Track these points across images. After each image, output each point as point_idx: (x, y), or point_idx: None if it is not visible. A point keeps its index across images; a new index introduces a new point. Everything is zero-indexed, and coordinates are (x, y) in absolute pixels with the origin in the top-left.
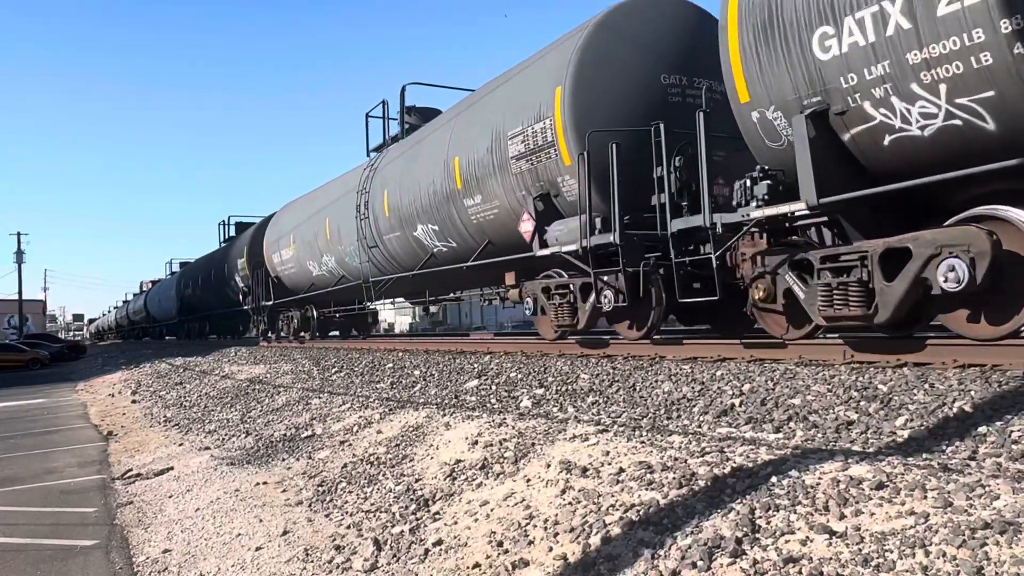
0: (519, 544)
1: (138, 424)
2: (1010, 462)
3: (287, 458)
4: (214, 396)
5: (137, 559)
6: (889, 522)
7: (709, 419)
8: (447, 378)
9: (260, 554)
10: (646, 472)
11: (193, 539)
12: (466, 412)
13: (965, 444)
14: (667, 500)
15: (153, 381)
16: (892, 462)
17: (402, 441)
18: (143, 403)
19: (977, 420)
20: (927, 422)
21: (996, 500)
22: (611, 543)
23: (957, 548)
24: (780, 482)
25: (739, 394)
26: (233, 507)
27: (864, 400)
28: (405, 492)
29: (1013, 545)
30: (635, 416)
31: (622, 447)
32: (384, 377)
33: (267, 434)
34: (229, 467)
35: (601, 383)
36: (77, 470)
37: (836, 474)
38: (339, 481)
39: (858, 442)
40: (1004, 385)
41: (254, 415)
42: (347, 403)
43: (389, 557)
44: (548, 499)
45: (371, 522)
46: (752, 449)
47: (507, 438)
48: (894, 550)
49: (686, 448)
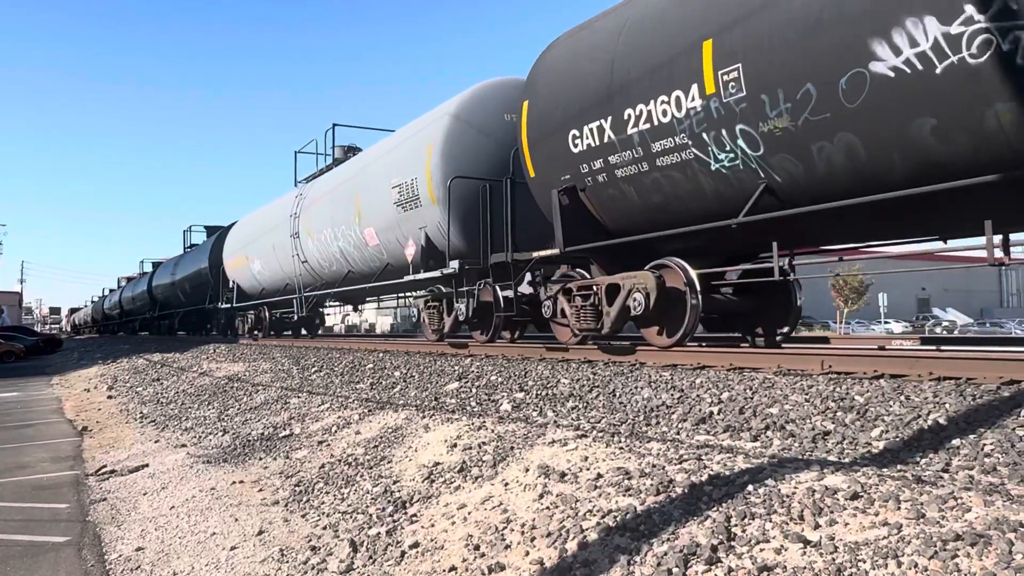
0: (496, 548)
1: (114, 420)
2: (982, 475)
3: (264, 457)
4: (191, 393)
5: (109, 557)
6: (863, 532)
7: (688, 426)
8: (427, 380)
9: (235, 553)
10: (624, 478)
11: (167, 537)
12: (446, 414)
13: (939, 456)
14: (644, 506)
15: (130, 377)
16: (867, 473)
17: (381, 442)
18: (119, 399)
19: (951, 433)
20: (902, 434)
21: (968, 512)
22: (588, 548)
23: (929, 559)
24: (756, 490)
25: (718, 402)
26: (208, 506)
27: (841, 411)
28: (383, 494)
29: (983, 557)
30: (614, 422)
31: (601, 453)
32: (364, 377)
33: (244, 433)
34: (205, 465)
35: (581, 388)
36: (50, 465)
37: (812, 483)
38: (316, 481)
39: (834, 452)
40: (978, 398)
41: (232, 413)
42: (326, 403)
43: (365, 559)
44: (526, 503)
45: (348, 523)
46: (729, 457)
47: (486, 441)
48: (867, 560)
49: (664, 455)
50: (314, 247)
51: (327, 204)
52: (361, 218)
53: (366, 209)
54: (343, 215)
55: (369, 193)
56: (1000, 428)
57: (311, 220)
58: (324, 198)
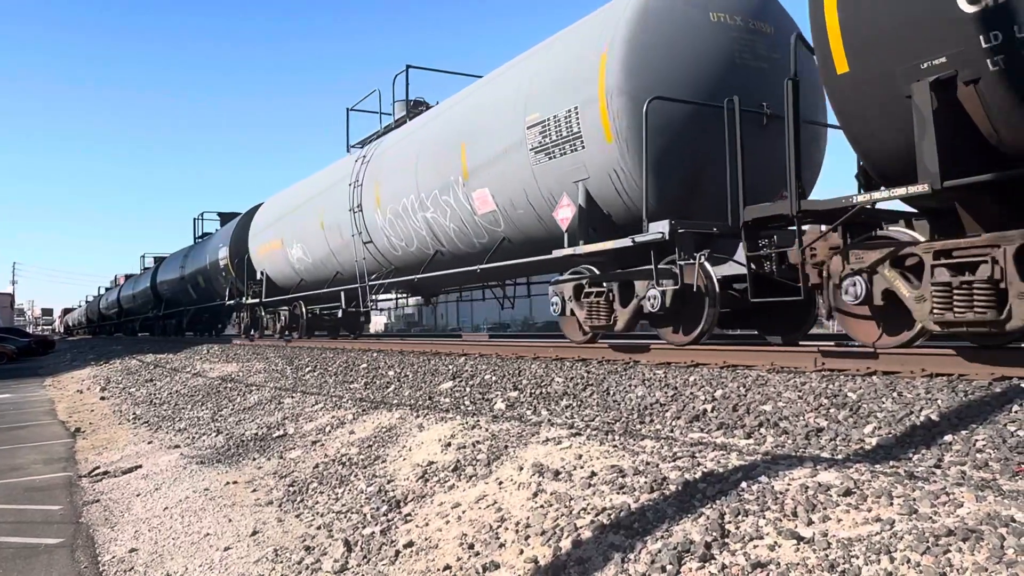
0: (490, 546)
1: (106, 421)
2: (974, 470)
3: (258, 457)
4: (185, 394)
5: (103, 558)
6: (856, 528)
7: (681, 424)
8: (421, 379)
9: (229, 554)
10: (618, 476)
11: (161, 538)
12: (440, 414)
13: (931, 452)
14: (638, 504)
15: (123, 378)
16: (860, 469)
17: (375, 442)
18: (112, 400)
19: (943, 428)
20: (895, 430)
21: (960, 508)
22: (582, 546)
23: (921, 555)
24: (750, 487)
25: (711, 400)
26: (202, 506)
27: (834, 407)
28: (377, 493)
29: (975, 552)
30: (608, 420)
31: (594, 451)
32: (358, 377)
33: (238, 433)
34: (199, 466)
35: (575, 387)
36: (43, 467)
37: (805, 480)
38: (310, 481)
39: (827, 449)
40: (970, 394)
41: (225, 414)
42: (320, 403)
43: (360, 558)
44: (520, 502)
45: (342, 523)
46: (723, 454)
47: (480, 440)
48: (860, 556)
49: (658, 453)
50: (384, 222)
51: (410, 164)
52: (468, 177)
53: (477, 164)
54: (436, 176)
55: (483, 140)
56: (992, 424)
57: (382, 187)
58: (404, 157)
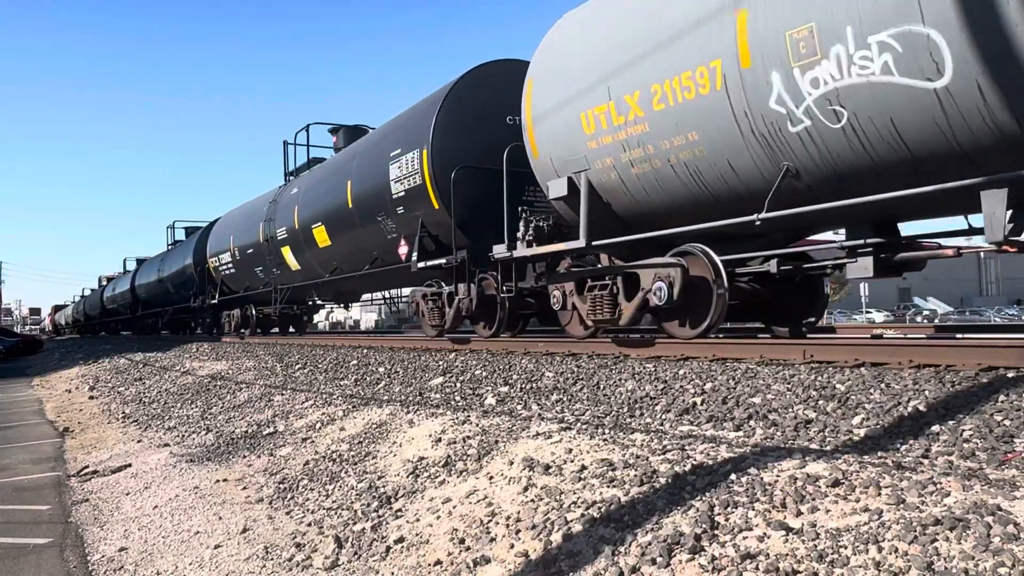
0: (481, 541)
1: (95, 420)
2: (961, 460)
3: (248, 455)
4: (174, 392)
5: (92, 557)
6: (844, 519)
7: (671, 417)
8: (412, 375)
9: (219, 552)
10: (608, 470)
11: (150, 537)
12: (430, 409)
13: (918, 442)
14: (628, 497)
15: (111, 377)
16: (848, 460)
17: (365, 438)
18: (101, 399)
19: (930, 419)
20: (883, 421)
21: (947, 497)
22: (572, 540)
23: (909, 544)
24: (739, 479)
25: (701, 392)
26: (192, 505)
27: (822, 399)
28: (367, 489)
29: (962, 541)
30: (598, 414)
31: (585, 445)
32: (348, 374)
33: (228, 431)
34: (189, 464)
35: (565, 381)
36: (31, 467)
37: (794, 472)
38: (301, 478)
39: (816, 440)
40: (957, 385)
41: (215, 411)
42: (310, 400)
43: (350, 555)
44: (510, 496)
45: (332, 519)
46: (713, 447)
47: (471, 435)
48: (848, 546)
49: (648, 446)
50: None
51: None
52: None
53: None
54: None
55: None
56: (979, 414)
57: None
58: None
